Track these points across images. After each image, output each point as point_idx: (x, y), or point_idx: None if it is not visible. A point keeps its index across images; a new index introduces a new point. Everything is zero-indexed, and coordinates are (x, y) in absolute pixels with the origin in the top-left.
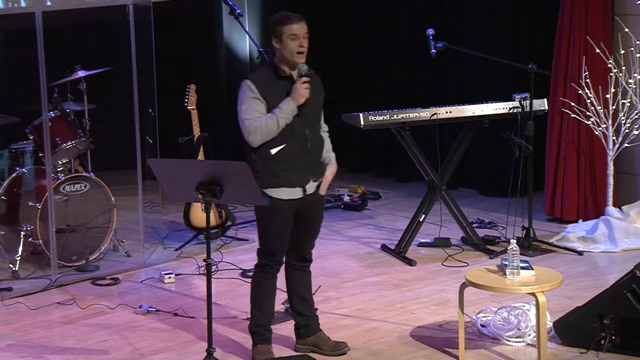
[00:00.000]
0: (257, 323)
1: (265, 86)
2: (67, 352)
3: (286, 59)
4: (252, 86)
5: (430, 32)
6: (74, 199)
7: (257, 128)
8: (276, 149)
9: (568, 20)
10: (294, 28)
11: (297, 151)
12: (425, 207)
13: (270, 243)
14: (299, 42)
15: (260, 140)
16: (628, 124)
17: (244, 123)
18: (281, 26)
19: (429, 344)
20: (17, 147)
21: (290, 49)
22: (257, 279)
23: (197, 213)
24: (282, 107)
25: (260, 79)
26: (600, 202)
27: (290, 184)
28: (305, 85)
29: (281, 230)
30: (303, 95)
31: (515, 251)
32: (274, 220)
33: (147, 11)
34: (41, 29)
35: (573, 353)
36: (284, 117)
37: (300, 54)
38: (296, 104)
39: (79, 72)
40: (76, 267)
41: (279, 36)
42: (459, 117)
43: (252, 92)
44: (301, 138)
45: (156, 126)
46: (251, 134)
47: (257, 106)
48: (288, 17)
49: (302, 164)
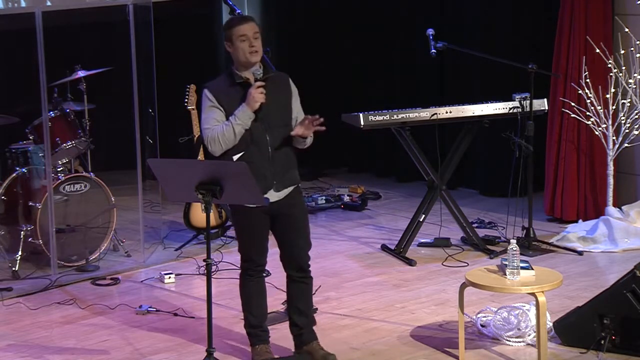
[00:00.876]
0: (250, 324)
1: (222, 93)
2: (67, 352)
3: (241, 62)
4: (209, 94)
5: (430, 32)
6: (74, 199)
7: (214, 137)
8: (237, 155)
9: (568, 20)
10: (242, 29)
11: (257, 157)
12: (425, 207)
13: (245, 247)
14: (249, 43)
15: (220, 148)
16: (628, 124)
17: (204, 132)
18: (230, 29)
19: (429, 344)
20: (17, 147)
21: (241, 50)
22: (242, 281)
23: (197, 213)
24: (236, 114)
25: (217, 86)
26: (600, 202)
27: None
28: (260, 90)
29: (254, 235)
30: (257, 100)
31: (515, 251)
32: (245, 225)
33: (147, 11)
34: (41, 29)
35: (573, 353)
36: (239, 124)
37: (252, 54)
38: (251, 109)
39: (79, 72)
40: (76, 267)
41: (230, 40)
42: (459, 117)
43: (209, 101)
44: (262, 144)
45: (156, 126)
46: (210, 143)
47: (215, 115)
48: (236, 19)
49: (263, 171)
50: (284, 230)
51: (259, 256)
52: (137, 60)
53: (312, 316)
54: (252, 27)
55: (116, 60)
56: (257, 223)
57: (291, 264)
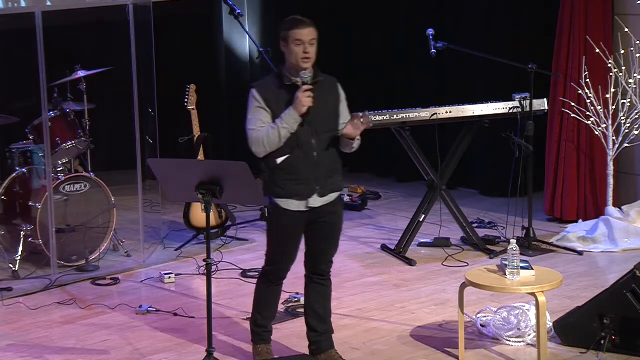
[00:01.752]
0: (256, 323)
1: (270, 95)
2: (67, 352)
3: (292, 65)
4: (256, 95)
5: (430, 32)
6: (74, 199)
7: (259, 139)
8: (281, 158)
9: (568, 20)
10: (299, 33)
11: (302, 161)
12: (425, 207)
13: (277, 252)
14: (303, 48)
15: (264, 150)
16: (628, 124)
17: (248, 133)
18: (287, 31)
19: (429, 344)
20: (17, 147)
21: (295, 54)
22: (261, 284)
23: (197, 213)
24: (283, 117)
25: (265, 87)
26: (600, 202)
27: (296, 196)
28: (307, 94)
29: (286, 241)
30: (305, 104)
31: (515, 251)
32: (280, 228)
33: (147, 11)
34: (41, 29)
35: (573, 353)
36: (285, 128)
37: (305, 60)
38: (298, 113)
39: (79, 72)
40: (76, 267)
41: (285, 41)
42: (459, 117)
43: (256, 102)
44: (307, 148)
45: (156, 126)
46: (254, 144)
47: (261, 116)
48: (295, 22)
49: (307, 175)
50: (317, 236)
51: (286, 263)
52: (137, 60)
53: (330, 322)
54: (310, 32)
55: (116, 60)
56: (294, 229)
57: (314, 268)
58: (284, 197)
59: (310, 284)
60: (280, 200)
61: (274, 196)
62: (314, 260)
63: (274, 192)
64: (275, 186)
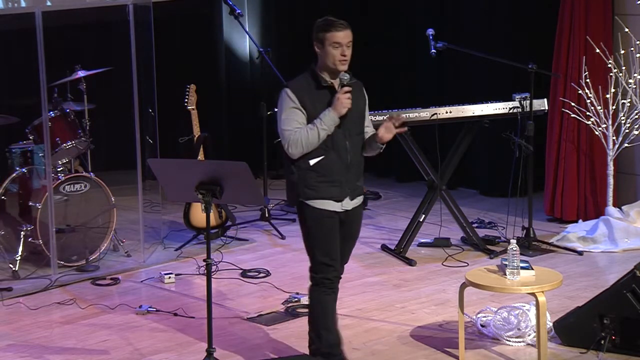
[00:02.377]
0: (329, 343)
1: (305, 95)
2: (67, 352)
3: (328, 67)
4: (291, 95)
5: (430, 32)
6: (74, 199)
7: (297, 140)
8: (315, 160)
9: (568, 20)
10: (337, 36)
11: (336, 163)
12: (425, 207)
13: (323, 253)
14: (341, 51)
15: (301, 152)
16: (628, 124)
17: (284, 134)
18: (324, 33)
19: (429, 344)
20: (17, 147)
21: (332, 56)
22: (318, 296)
23: (197, 213)
24: (322, 118)
25: (301, 87)
26: (600, 202)
27: (329, 197)
28: (347, 95)
29: (332, 239)
30: (345, 105)
31: (515, 251)
32: (322, 229)
33: (147, 11)
34: (41, 29)
35: (573, 353)
36: (325, 129)
37: (342, 62)
38: (338, 114)
39: (79, 72)
40: (76, 267)
41: (321, 43)
42: (459, 117)
43: (291, 102)
44: (341, 150)
45: (156, 126)
46: (291, 145)
47: (296, 116)
48: (332, 24)
49: (340, 177)
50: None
51: (336, 263)
52: (137, 60)
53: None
54: (348, 35)
55: (116, 60)
56: (334, 226)
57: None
58: (316, 199)
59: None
60: (313, 201)
61: (305, 198)
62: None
63: (305, 194)
64: (307, 188)
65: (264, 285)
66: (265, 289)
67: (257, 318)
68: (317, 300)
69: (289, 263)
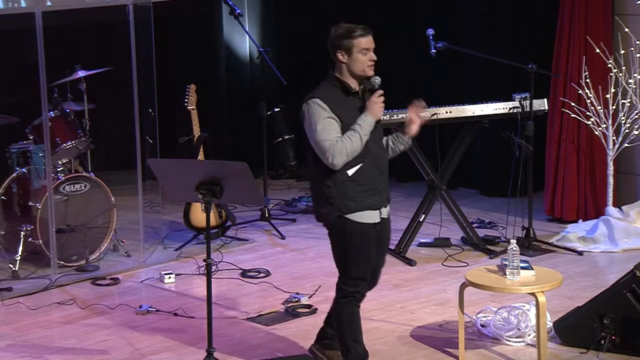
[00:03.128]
0: (358, 355)
1: (337, 104)
2: (67, 352)
3: (354, 74)
4: (323, 105)
5: (430, 32)
6: (74, 199)
7: (342, 149)
8: (353, 169)
9: (568, 20)
10: (365, 41)
11: (372, 171)
12: (425, 207)
13: (359, 269)
14: (370, 56)
15: (345, 161)
16: (628, 124)
17: (324, 145)
18: (350, 40)
19: (429, 344)
20: (17, 147)
21: (361, 62)
22: (350, 310)
23: (197, 213)
24: (361, 124)
25: (330, 96)
26: (600, 202)
27: (370, 207)
28: (382, 99)
29: (370, 254)
30: (381, 109)
31: (515, 251)
32: (361, 244)
33: (147, 11)
34: (41, 29)
35: (573, 353)
36: (365, 135)
37: (370, 67)
38: (375, 119)
39: (79, 72)
40: (76, 267)
41: (347, 50)
42: (459, 117)
43: (325, 112)
44: (374, 156)
45: (156, 126)
46: (336, 156)
47: (333, 126)
48: (356, 30)
49: (377, 185)
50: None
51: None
52: (137, 60)
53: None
54: (372, 40)
55: (116, 60)
56: (372, 241)
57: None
58: (358, 211)
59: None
60: (355, 214)
61: (347, 211)
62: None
63: (346, 207)
64: (348, 200)
65: (264, 285)
66: (265, 289)
67: (257, 318)
68: (347, 312)
69: (289, 263)
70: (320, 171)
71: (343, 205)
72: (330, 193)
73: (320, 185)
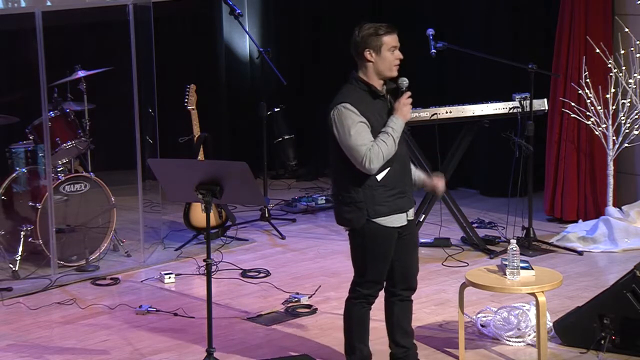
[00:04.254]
0: (363, 357)
1: (366, 107)
2: (67, 352)
3: (381, 73)
4: (354, 109)
5: (430, 32)
6: (74, 199)
7: (378, 153)
8: (382, 174)
9: (568, 20)
10: (392, 39)
11: (399, 174)
12: (425, 207)
13: (378, 272)
14: (397, 54)
15: (380, 165)
16: (628, 124)
17: (360, 150)
18: (379, 37)
19: (429, 344)
20: (17, 147)
21: (389, 61)
22: (359, 311)
23: (197, 213)
24: (394, 127)
25: (359, 100)
26: (600, 202)
27: (399, 210)
28: (410, 101)
29: (388, 258)
30: (410, 111)
31: (515, 251)
32: (383, 248)
33: (147, 11)
34: (41, 29)
35: (573, 353)
36: (398, 137)
37: (396, 67)
38: (405, 120)
39: (79, 72)
40: (76, 267)
41: (375, 48)
42: (459, 117)
43: (357, 116)
44: (402, 159)
45: (156, 126)
46: (372, 161)
47: (366, 130)
48: (382, 28)
49: (404, 187)
50: (404, 249)
51: (384, 279)
52: (137, 60)
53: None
54: (397, 37)
55: (116, 60)
56: (392, 245)
57: (403, 283)
58: (387, 215)
59: (397, 301)
60: (383, 218)
61: (375, 215)
62: (402, 276)
63: (374, 211)
64: (376, 205)
65: (264, 285)
66: (265, 289)
67: (257, 318)
68: (355, 313)
69: (289, 263)
70: (348, 175)
71: (372, 210)
72: (358, 198)
73: (347, 190)
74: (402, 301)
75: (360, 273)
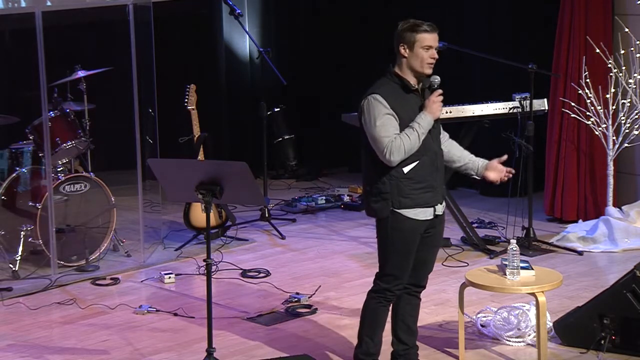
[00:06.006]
0: (368, 352)
1: (396, 100)
2: (67, 352)
3: (414, 70)
4: (383, 101)
5: None
6: (74, 199)
7: (400, 146)
8: (409, 166)
9: (568, 20)
10: (428, 38)
11: (428, 168)
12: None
13: (398, 266)
14: (431, 53)
15: (402, 158)
16: (628, 124)
17: (382, 141)
18: (414, 34)
19: (429, 344)
20: (17, 147)
21: (421, 59)
22: (375, 305)
23: (197, 213)
24: (420, 123)
25: (390, 93)
26: (600, 202)
27: (424, 204)
28: (441, 98)
29: (410, 252)
30: (440, 109)
31: (515, 251)
32: (407, 242)
33: (147, 11)
34: (41, 29)
35: (573, 353)
36: (424, 133)
37: (430, 65)
38: (434, 117)
39: (79, 72)
40: (76, 267)
41: (409, 44)
42: (459, 117)
43: (385, 108)
44: (432, 154)
45: (156, 126)
46: (393, 153)
47: (392, 122)
48: (421, 25)
49: (432, 182)
50: (427, 246)
51: (406, 275)
52: (137, 60)
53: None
54: (436, 38)
55: (116, 60)
56: (416, 240)
57: (416, 279)
58: (411, 207)
59: (404, 296)
60: (407, 210)
61: (399, 207)
62: (415, 270)
63: (399, 203)
64: (401, 197)
65: (264, 285)
66: (265, 289)
67: (257, 318)
68: (371, 308)
69: (289, 263)
70: (375, 166)
71: (396, 201)
72: (384, 189)
73: (375, 181)
74: (409, 295)
75: (381, 265)
